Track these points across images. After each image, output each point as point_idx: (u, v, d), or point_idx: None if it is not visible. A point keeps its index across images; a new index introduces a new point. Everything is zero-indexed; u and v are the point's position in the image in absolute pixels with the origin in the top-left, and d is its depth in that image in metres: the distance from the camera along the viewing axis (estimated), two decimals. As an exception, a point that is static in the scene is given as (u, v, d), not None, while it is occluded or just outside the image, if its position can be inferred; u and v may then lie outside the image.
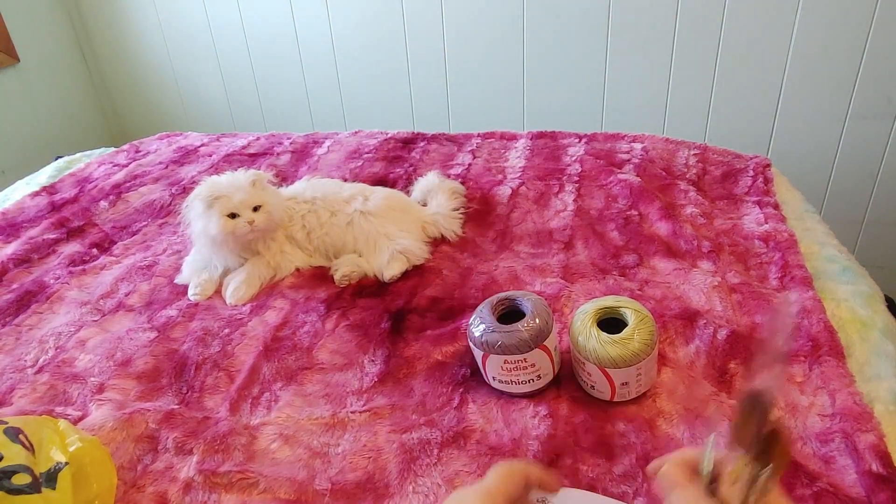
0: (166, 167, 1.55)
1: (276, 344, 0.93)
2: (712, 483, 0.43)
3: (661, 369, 0.82)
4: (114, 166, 1.57)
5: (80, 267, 1.16)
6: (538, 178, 1.35)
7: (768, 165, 1.37)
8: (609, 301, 0.81)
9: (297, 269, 1.11)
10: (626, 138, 1.50)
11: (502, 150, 1.50)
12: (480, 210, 1.27)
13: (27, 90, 2.32)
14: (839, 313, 0.92)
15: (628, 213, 1.20)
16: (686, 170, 1.37)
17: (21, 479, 0.62)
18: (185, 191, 1.39)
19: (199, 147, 1.66)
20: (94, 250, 1.23)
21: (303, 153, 1.58)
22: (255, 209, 1.04)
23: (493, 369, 0.79)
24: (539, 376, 0.79)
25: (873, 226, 1.95)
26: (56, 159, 1.69)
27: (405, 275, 1.08)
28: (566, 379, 0.82)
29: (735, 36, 1.80)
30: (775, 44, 1.77)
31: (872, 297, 0.97)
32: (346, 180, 1.33)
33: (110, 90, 2.62)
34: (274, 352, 0.92)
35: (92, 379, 0.88)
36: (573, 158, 1.42)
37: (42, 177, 1.57)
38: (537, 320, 0.78)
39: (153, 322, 1.00)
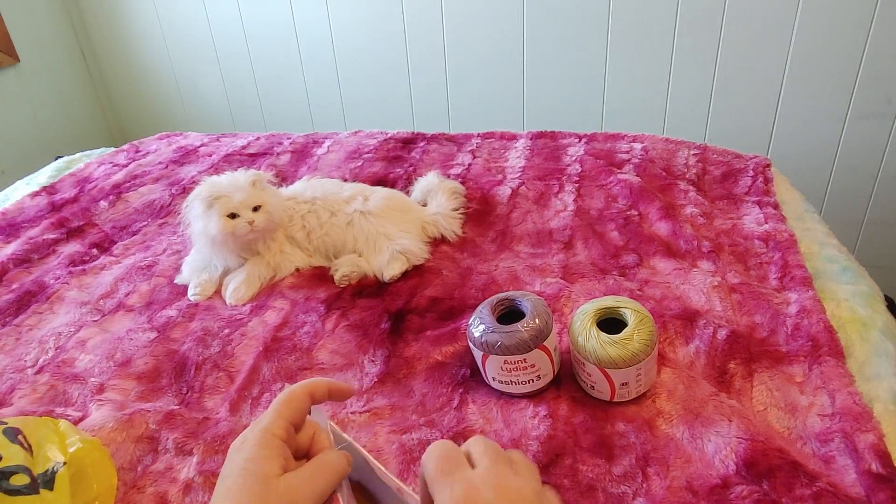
0: (166, 167, 1.55)
1: (275, 344, 0.93)
2: None
3: (660, 369, 0.82)
4: (114, 166, 1.57)
5: (80, 267, 1.16)
6: (538, 178, 1.35)
7: (768, 165, 1.37)
8: (609, 301, 0.81)
9: (297, 270, 1.11)
10: (626, 138, 1.50)
11: (502, 150, 1.50)
12: (480, 210, 1.27)
13: (27, 90, 2.32)
14: (839, 313, 0.92)
15: (628, 213, 1.20)
16: (686, 170, 1.37)
17: (19, 480, 0.62)
18: (185, 191, 1.39)
19: (199, 147, 1.66)
20: (94, 250, 1.23)
21: (303, 153, 1.58)
22: (255, 209, 1.04)
23: (493, 370, 0.79)
24: (539, 377, 0.79)
25: (873, 226, 1.95)
26: (56, 159, 1.69)
27: (405, 275, 1.08)
28: (566, 379, 0.82)
29: (735, 36, 1.80)
30: (775, 44, 1.77)
31: (872, 297, 0.97)
32: (346, 180, 1.33)
33: (110, 90, 2.62)
34: (274, 352, 0.92)
35: (92, 379, 0.88)
36: (573, 158, 1.42)
37: (42, 177, 1.57)
38: (537, 321, 0.78)
39: (153, 322, 1.00)
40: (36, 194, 1.45)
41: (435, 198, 1.24)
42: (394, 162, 1.49)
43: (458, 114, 2.20)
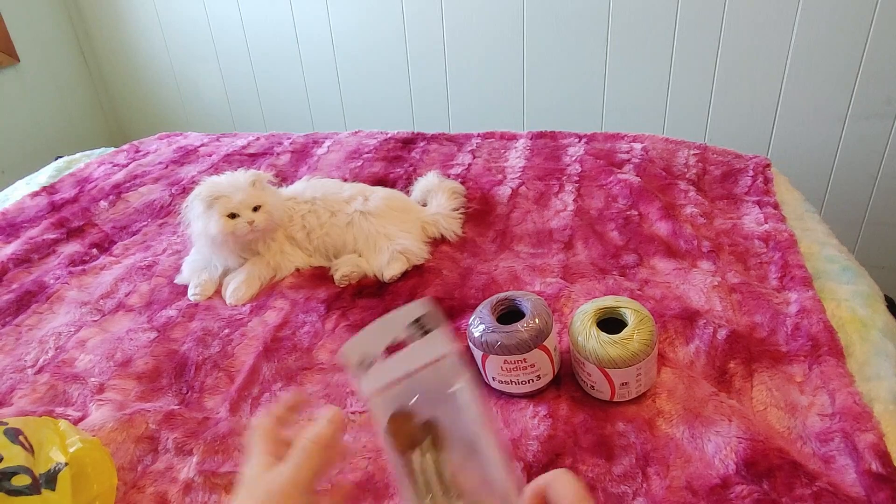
0: (166, 167, 1.55)
1: (276, 344, 0.93)
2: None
3: (660, 369, 0.82)
4: (114, 166, 1.57)
5: (80, 267, 1.16)
6: (538, 178, 1.35)
7: (768, 165, 1.37)
8: (609, 301, 0.81)
9: (297, 269, 1.11)
10: (626, 138, 1.50)
11: (502, 150, 1.50)
12: (480, 210, 1.27)
13: (27, 90, 2.32)
14: (839, 313, 0.92)
15: (628, 213, 1.20)
16: (686, 170, 1.37)
17: (21, 481, 0.62)
18: (185, 191, 1.39)
19: (199, 147, 1.66)
20: (94, 250, 1.23)
21: (303, 153, 1.58)
22: (255, 209, 1.04)
23: (493, 370, 0.79)
24: (539, 376, 0.79)
25: (873, 226, 1.95)
26: (56, 159, 1.69)
27: (405, 275, 1.08)
28: (566, 379, 0.82)
29: (735, 36, 1.80)
30: (775, 44, 1.77)
31: (872, 297, 0.97)
32: (346, 180, 1.33)
33: (110, 90, 2.62)
34: (274, 352, 0.92)
35: (92, 379, 0.88)
36: (573, 158, 1.42)
37: (42, 177, 1.57)
38: (537, 320, 0.78)
39: (153, 322, 1.00)
40: (36, 194, 1.45)
41: (435, 198, 1.24)
42: (394, 162, 1.49)
43: (458, 114, 2.20)
